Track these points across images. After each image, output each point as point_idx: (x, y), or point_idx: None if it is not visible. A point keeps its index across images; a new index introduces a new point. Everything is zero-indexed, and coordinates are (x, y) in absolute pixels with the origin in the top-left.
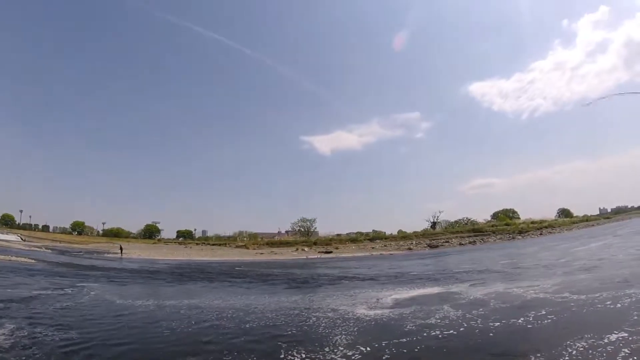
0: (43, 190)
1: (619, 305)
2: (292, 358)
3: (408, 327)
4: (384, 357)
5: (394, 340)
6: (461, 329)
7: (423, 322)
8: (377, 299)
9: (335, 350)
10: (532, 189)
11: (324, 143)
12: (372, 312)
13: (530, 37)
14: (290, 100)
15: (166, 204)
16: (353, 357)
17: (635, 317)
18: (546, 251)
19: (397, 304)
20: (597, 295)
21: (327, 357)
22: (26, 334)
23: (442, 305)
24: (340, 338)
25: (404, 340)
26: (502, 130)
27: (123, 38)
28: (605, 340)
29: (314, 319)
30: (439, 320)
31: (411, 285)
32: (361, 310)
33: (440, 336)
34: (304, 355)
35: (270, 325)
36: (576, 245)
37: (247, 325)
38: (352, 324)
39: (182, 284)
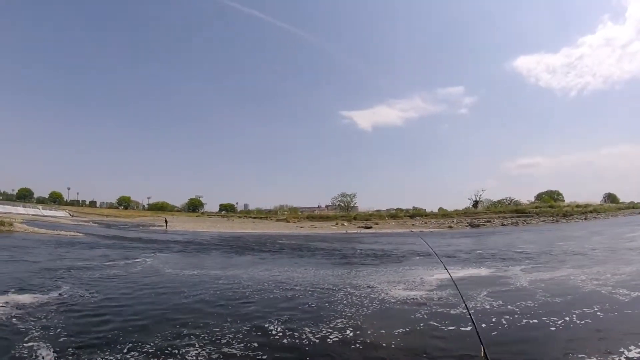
0: (90, 167)
1: None
2: (305, 334)
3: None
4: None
5: (420, 329)
6: (492, 325)
7: (459, 311)
8: (421, 278)
9: (354, 335)
10: (578, 171)
11: (364, 118)
12: (411, 293)
13: (579, 10)
14: (330, 75)
15: (209, 178)
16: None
17: None
18: (597, 236)
19: (441, 285)
20: None
21: (341, 339)
22: (76, 295)
23: (483, 291)
24: (362, 321)
25: (434, 331)
26: (548, 108)
27: (163, 18)
28: None
29: (348, 295)
30: (474, 311)
31: (455, 265)
32: (398, 292)
33: (464, 331)
34: (315, 333)
35: (302, 299)
36: (625, 232)
37: (279, 296)
38: (384, 306)
39: (225, 255)
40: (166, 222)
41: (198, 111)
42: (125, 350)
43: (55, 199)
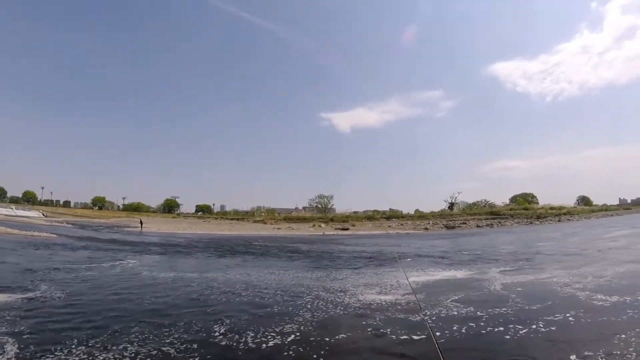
0: (64, 166)
1: None
2: (245, 338)
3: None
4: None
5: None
6: (452, 333)
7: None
8: (398, 281)
9: (294, 340)
10: (553, 174)
11: (343, 120)
12: (380, 298)
13: (557, 18)
14: (310, 77)
15: (186, 179)
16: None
17: None
18: (573, 237)
19: (415, 289)
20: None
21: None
22: (46, 296)
23: (455, 295)
24: (313, 327)
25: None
26: (524, 113)
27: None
28: None
29: (315, 300)
30: (436, 317)
31: (431, 267)
32: (369, 296)
33: (418, 339)
34: (256, 337)
35: (271, 301)
36: (601, 233)
37: (245, 299)
38: (346, 311)
39: (199, 257)
40: (141, 223)
41: (175, 111)
42: (74, 346)
43: (29, 199)
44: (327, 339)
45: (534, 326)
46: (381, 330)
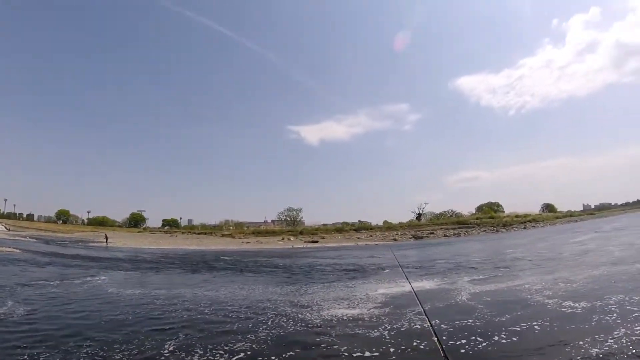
0: (27, 178)
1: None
2: (192, 357)
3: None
4: None
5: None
6: (409, 352)
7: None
8: (367, 294)
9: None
10: (517, 183)
11: (312, 133)
12: (345, 312)
13: (521, 34)
14: (278, 89)
15: (151, 192)
16: None
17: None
18: (542, 242)
19: (384, 302)
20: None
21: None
22: (7, 313)
23: (425, 306)
24: (264, 346)
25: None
26: (489, 125)
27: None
28: None
29: (277, 316)
30: (405, 329)
31: (401, 278)
32: (334, 310)
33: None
34: (202, 356)
35: (233, 317)
36: (569, 238)
37: (207, 316)
38: (304, 328)
39: (167, 273)
40: (106, 237)
41: (143, 123)
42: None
43: None
44: (274, 358)
45: (495, 337)
46: (335, 346)
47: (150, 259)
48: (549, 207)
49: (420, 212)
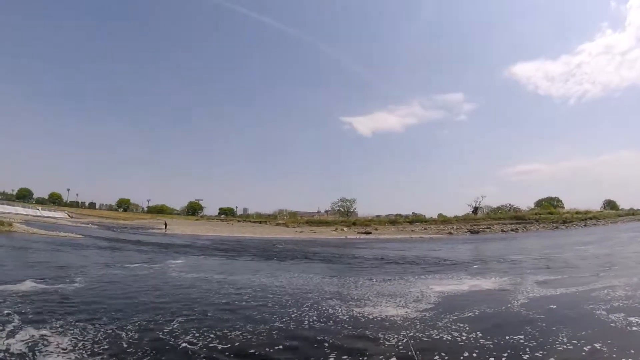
0: (90, 168)
1: None
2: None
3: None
4: None
5: None
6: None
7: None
8: (421, 291)
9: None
10: (578, 177)
11: (364, 124)
12: (399, 312)
13: (578, 17)
14: (330, 80)
15: (209, 182)
16: None
17: None
18: (608, 241)
19: (437, 302)
20: None
21: None
22: (68, 289)
23: (475, 310)
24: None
25: None
26: (547, 115)
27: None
28: None
29: (311, 310)
30: (436, 337)
31: (458, 274)
32: (380, 308)
33: None
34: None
35: (267, 309)
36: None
37: (259, 303)
38: (338, 326)
39: (222, 258)
40: (165, 225)
41: (199, 114)
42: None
43: (54, 200)
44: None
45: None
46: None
47: (209, 245)
48: (610, 204)
49: (477, 205)
